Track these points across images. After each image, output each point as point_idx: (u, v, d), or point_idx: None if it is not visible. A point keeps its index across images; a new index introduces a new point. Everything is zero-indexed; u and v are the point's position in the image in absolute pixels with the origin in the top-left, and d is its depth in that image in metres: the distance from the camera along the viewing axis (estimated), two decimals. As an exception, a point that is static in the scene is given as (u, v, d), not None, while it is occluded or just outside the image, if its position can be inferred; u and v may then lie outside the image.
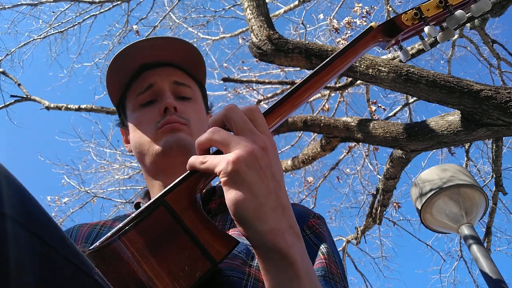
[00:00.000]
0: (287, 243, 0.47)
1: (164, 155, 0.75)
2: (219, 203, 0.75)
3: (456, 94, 2.01)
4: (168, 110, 0.77)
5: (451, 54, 5.26)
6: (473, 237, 2.68)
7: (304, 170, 6.02)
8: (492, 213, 4.40)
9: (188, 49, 0.84)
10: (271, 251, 0.46)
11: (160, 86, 0.80)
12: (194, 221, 0.51)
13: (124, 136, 0.90)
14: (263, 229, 0.46)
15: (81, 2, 5.71)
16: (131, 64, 0.81)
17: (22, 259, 0.27)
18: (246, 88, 6.17)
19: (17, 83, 4.89)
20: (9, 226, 0.28)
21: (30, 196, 0.32)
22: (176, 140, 0.75)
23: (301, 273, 0.47)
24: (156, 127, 0.77)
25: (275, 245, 0.46)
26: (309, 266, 0.49)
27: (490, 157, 4.19)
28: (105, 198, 6.31)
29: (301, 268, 0.47)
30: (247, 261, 0.60)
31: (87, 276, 0.32)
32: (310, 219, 0.71)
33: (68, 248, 0.32)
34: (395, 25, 0.65)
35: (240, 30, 6.21)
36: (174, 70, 0.84)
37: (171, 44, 0.83)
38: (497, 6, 2.55)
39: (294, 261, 0.46)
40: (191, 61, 0.86)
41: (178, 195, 0.52)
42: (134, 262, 0.46)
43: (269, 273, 0.48)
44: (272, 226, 0.46)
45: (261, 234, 0.46)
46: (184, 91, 0.83)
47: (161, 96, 0.80)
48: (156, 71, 0.82)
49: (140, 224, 0.49)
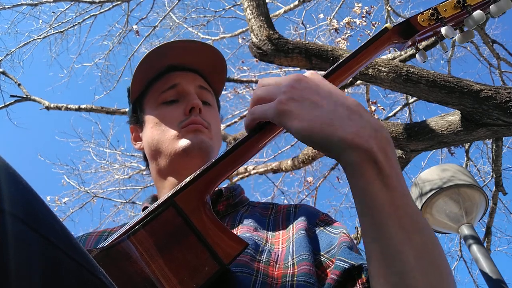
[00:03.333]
0: (370, 145, 0.46)
1: (184, 155, 0.75)
2: (226, 205, 0.75)
3: (456, 94, 2.01)
4: (194, 110, 0.78)
5: (451, 54, 5.26)
6: (473, 237, 2.68)
7: (304, 170, 6.02)
8: (492, 213, 4.40)
9: (215, 56, 0.85)
10: (352, 157, 0.46)
11: (185, 87, 0.81)
12: (204, 223, 0.50)
13: (134, 133, 0.89)
14: (339, 139, 0.46)
15: (81, 2, 5.70)
16: (158, 63, 0.82)
17: (25, 257, 0.27)
18: (246, 88, 6.17)
19: (17, 83, 4.89)
20: (11, 224, 0.28)
21: (35, 194, 0.32)
22: (199, 141, 0.75)
23: (391, 182, 0.46)
24: (181, 125, 0.77)
25: (357, 149, 0.46)
26: (399, 176, 0.47)
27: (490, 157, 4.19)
28: (105, 198, 6.32)
29: (390, 176, 0.46)
30: (256, 257, 0.59)
31: (92, 275, 0.32)
32: (320, 215, 0.71)
33: (73, 246, 0.32)
34: (411, 26, 0.63)
35: (240, 30, 6.21)
36: (197, 76, 0.86)
37: (200, 49, 0.84)
38: (497, 6, 2.55)
39: (382, 168, 0.45)
40: (214, 69, 0.87)
41: (188, 196, 0.52)
42: (142, 262, 0.46)
43: (355, 186, 0.47)
44: (348, 132, 0.46)
45: (339, 145, 0.47)
46: (207, 96, 0.85)
47: (185, 97, 0.80)
48: (181, 73, 0.83)
49: (149, 224, 0.49)
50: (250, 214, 0.73)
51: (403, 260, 0.44)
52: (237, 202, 0.77)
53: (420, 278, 0.43)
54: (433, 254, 0.45)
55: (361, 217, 0.48)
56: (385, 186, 0.45)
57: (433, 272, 0.44)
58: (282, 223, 0.70)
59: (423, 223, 0.47)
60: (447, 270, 0.46)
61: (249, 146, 0.56)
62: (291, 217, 0.70)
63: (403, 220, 0.45)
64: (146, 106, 0.84)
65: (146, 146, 0.82)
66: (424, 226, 0.46)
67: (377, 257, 0.46)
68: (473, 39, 5.09)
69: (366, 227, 0.47)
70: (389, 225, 0.44)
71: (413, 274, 0.43)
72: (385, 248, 0.45)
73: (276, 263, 0.60)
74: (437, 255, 0.46)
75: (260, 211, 0.75)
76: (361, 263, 0.57)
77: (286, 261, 0.60)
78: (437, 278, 0.44)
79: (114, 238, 0.49)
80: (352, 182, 0.48)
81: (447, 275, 0.46)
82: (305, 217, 0.69)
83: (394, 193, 0.46)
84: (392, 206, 0.45)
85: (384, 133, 0.48)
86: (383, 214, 0.45)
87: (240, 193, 0.80)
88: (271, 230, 0.69)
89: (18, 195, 0.30)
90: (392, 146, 0.48)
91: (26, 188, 0.32)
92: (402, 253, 0.44)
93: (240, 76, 6.39)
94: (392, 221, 0.45)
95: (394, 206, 0.45)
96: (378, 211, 0.45)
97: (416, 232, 0.45)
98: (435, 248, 0.46)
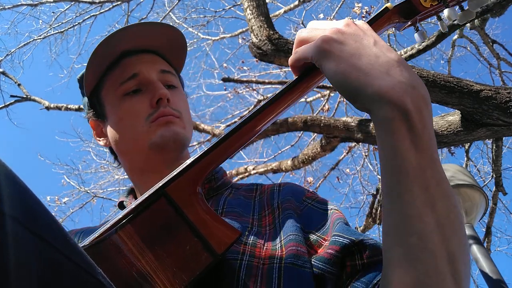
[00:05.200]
0: (404, 101, 0.44)
1: (159, 151, 0.70)
2: (208, 188, 0.72)
3: (456, 94, 2.01)
4: (161, 101, 0.71)
5: (451, 54, 5.26)
6: (473, 237, 2.68)
7: (304, 170, 6.02)
8: (492, 213, 4.39)
9: (171, 34, 0.78)
10: (383, 111, 0.45)
11: (146, 75, 0.74)
12: (196, 213, 0.49)
13: (97, 129, 0.81)
14: (374, 90, 0.45)
15: (81, 2, 5.71)
16: (110, 51, 0.75)
17: (24, 259, 0.27)
18: (246, 88, 6.17)
19: (17, 83, 4.89)
20: (11, 226, 0.28)
21: (32, 195, 0.32)
22: (172, 134, 0.70)
23: (422, 143, 0.44)
24: (150, 119, 0.71)
25: (389, 103, 0.44)
26: (432, 139, 0.45)
27: (490, 157, 4.19)
28: (105, 198, 6.32)
29: (421, 136, 0.44)
30: (242, 239, 0.58)
31: (90, 276, 0.32)
32: (306, 192, 0.69)
33: (71, 248, 0.32)
34: (413, 6, 0.62)
35: (240, 30, 6.22)
36: (156, 57, 0.79)
37: (152, 30, 0.77)
38: (497, 6, 2.55)
39: (414, 127, 0.44)
40: (173, 47, 0.80)
41: (179, 186, 0.50)
42: (132, 257, 0.44)
43: (383, 142, 0.46)
44: (384, 85, 0.45)
45: (372, 97, 0.45)
46: (171, 79, 0.78)
47: (148, 86, 0.73)
48: (137, 58, 0.76)
49: (139, 217, 0.47)
50: (234, 197, 0.70)
51: (425, 221, 0.42)
52: (219, 185, 0.74)
53: (439, 243, 0.42)
54: (454, 223, 0.44)
55: (384, 176, 0.46)
56: (415, 146, 0.44)
57: (453, 240, 0.43)
58: (267, 204, 0.67)
59: (448, 191, 0.45)
60: (466, 242, 0.46)
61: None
62: (276, 196, 0.68)
63: (428, 183, 0.44)
64: (105, 99, 0.77)
65: (113, 143, 0.76)
66: (449, 194, 0.45)
67: (397, 218, 0.44)
68: (473, 39, 5.10)
69: (388, 186, 0.45)
70: (414, 185, 0.43)
71: (433, 237, 0.42)
72: (407, 208, 0.43)
73: (263, 245, 0.58)
74: (458, 224, 0.44)
75: (245, 193, 0.72)
76: (362, 239, 0.56)
77: (274, 243, 0.58)
78: (456, 247, 0.43)
79: (101, 232, 0.47)
80: (381, 138, 0.46)
81: (465, 246, 0.45)
82: (290, 195, 0.67)
83: (423, 154, 0.44)
84: (419, 167, 0.44)
85: (422, 91, 0.46)
86: (409, 174, 0.43)
87: (222, 176, 0.76)
88: (257, 212, 0.66)
89: (17, 198, 0.30)
90: (429, 107, 0.47)
91: (24, 190, 0.31)
92: (424, 215, 0.42)
93: (240, 76, 6.40)
94: (418, 182, 0.43)
95: (421, 167, 0.44)
96: (404, 170, 0.44)
97: (440, 197, 0.44)
98: (456, 217, 0.44)
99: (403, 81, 0.46)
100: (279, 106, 0.56)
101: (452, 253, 0.42)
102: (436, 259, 0.42)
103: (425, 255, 0.42)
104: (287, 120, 3.17)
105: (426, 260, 0.42)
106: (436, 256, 0.42)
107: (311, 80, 0.58)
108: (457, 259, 0.43)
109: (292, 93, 0.57)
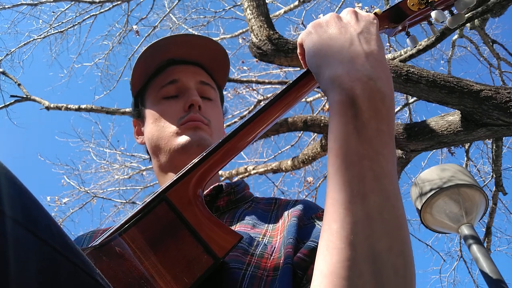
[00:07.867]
0: (353, 87, 0.46)
1: (182, 152, 0.74)
2: (227, 200, 0.73)
3: (456, 94, 2.01)
4: (193, 107, 0.77)
5: (451, 54, 5.26)
6: (473, 237, 2.68)
7: (304, 170, 6.03)
8: (492, 213, 4.40)
9: (217, 50, 0.85)
10: (334, 94, 0.47)
11: (185, 82, 0.80)
12: (196, 217, 0.50)
13: (137, 127, 0.89)
14: (329, 74, 0.49)
15: (81, 2, 5.71)
16: (159, 57, 0.82)
17: (22, 259, 0.27)
18: (246, 88, 6.18)
19: (17, 83, 4.89)
20: (11, 226, 0.28)
21: (31, 196, 0.32)
22: (197, 138, 0.75)
23: (366, 132, 0.44)
24: (180, 122, 0.76)
25: (339, 87, 0.47)
26: (381, 134, 0.45)
27: (490, 157, 4.19)
28: (105, 198, 6.31)
29: (367, 125, 0.44)
30: (249, 250, 0.58)
31: (88, 276, 0.32)
32: (319, 212, 0.69)
33: (69, 248, 0.32)
34: (401, 11, 0.63)
35: (240, 31, 6.22)
36: (199, 69, 0.85)
37: (201, 43, 0.83)
38: (497, 6, 2.55)
39: (360, 114, 0.44)
40: (217, 63, 0.86)
41: (179, 190, 0.51)
42: (136, 260, 0.45)
43: (330, 124, 0.47)
44: (340, 70, 0.48)
45: (328, 80, 0.49)
46: (208, 91, 0.83)
47: (185, 93, 0.80)
48: (182, 67, 0.82)
49: (142, 221, 0.48)
50: (252, 210, 0.71)
51: (351, 210, 0.41)
52: (238, 198, 0.75)
53: (362, 238, 0.40)
54: (389, 224, 0.41)
55: (328, 157, 0.46)
56: (357, 133, 0.44)
57: (382, 240, 0.40)
58: (280, 216, 0.68)
59: (390, 191, 0.43)
60: (405, 251, 0.42)
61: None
62: (289, 207, 0.69)
63: (364, 174, 0.42)
64: (147, 100, 0.84)
65: (147, 141, 0.81)
66: (390, 194, 0.43)
67: (327, 202, 0.44)
68: (473, 39, 5.10)
69: (328, 169, 0.45)
70: (347, 171, 0.43)
71: (356, 229, 0.40)
72: (335, 192, 0.43)
73: (271, 255, 0.58)
74: (396, 229, 0.42)
75: (263, 207, 0.73)
76: None
77: (280, 252, 0.59)
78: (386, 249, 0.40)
79: (106, 235, 0.49)
80: (330, 120, 0.48)
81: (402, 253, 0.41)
82: (302, 208, 0.67)
83: (365, 144, 0.43)
84: (357, 154, 0.43)
85: (380, 85, 0.47)
86: (345, 158, 0.43)
87: (243, 189, 0.78)
88: (272, 223, 0.67)
89: (16, 199, 0.30)
90: (386, 102, 0.46)
91: (24, 191, 0.32)
92: (351, 204, 0.41)
93: (240, 76, 6.39)
94: (352, 169, 0.43)
95: (359, 155, 0.43)
96: (341, 154, 0.44)
97: (377, 192, 0.42)
98: (394, 221, 0.42)
99: (360, 70, 0.48)
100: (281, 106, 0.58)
101: (378, 253, 0.40)
102: (356, 252, 0.40)
103: (344, 244, 0.40)
104: (287, 120, 3.17)
105: (343, 251, 0.40)
106: (356, 249, 0.40)
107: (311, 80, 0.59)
108: (384, 262, 0.40)
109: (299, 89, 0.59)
